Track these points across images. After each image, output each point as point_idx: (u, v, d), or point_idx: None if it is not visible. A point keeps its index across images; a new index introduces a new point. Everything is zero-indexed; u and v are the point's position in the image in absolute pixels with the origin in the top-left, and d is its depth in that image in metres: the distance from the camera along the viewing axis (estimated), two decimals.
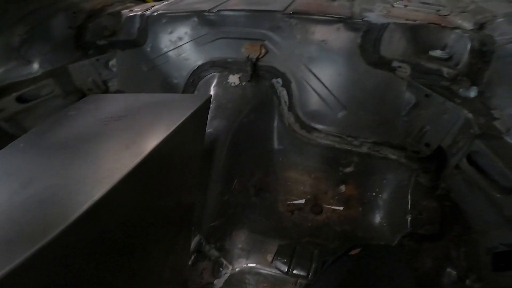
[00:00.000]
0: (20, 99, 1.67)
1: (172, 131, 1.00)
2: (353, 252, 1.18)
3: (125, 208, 0.86)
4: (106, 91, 1.97)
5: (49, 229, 0.62)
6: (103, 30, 1.92)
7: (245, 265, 1.37)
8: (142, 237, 0.98)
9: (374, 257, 1.17)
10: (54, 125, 1.10)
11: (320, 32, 1.53)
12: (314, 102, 1.56)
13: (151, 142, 0.93)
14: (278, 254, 1.34)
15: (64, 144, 0.99)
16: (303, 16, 1.56)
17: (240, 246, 1.42)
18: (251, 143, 1.63)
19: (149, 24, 1.80)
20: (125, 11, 1.97)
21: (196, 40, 1.71)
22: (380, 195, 1.45)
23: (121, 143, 0.93)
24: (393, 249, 1.26)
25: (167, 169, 1.07)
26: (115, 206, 0.80)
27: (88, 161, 0.88)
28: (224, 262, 1.38)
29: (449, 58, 1.35)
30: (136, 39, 1.84)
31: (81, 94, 1.95)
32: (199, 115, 1.21)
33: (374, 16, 1.53)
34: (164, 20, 1.76)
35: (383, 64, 1.43)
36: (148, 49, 1.82)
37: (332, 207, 1.49)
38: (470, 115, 1.17)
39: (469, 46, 1.29)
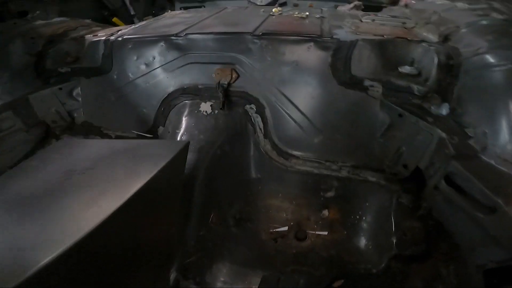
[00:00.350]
0: None
1: (144, 184, 0.95)
2: (336, 284, 1.15)
3: (89, 262, 0.81)
4: (72, 122, 1.86)
5: None
6: (65, 57, 1.83)
7: None
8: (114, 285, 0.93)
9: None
10: (15, 177, 1.04)
11: (291, 53, 1.51)
12: (289, 127, 1.53)
13: (119, 198, 0.87)
14: (262, 286, 1.29)
15: (22, 199, 0.93)
16: (273, 37, 1.53)
17: (222, 279, 1.36)
18: (227, 174, 1.58)
19: (114, 49, 1.72)
20: (88, 36, 1.88)
21: (165, 66, 1.64)
22: (363, 218, 1.43)
23: (84, 200, 0.88)
24: (377, 277, 1.24)
25: (139, 218, 1.02)
26: (73, 264, 0.76)
27: (45, 219, 0.83)
28: None
29: (419, 74, 1.36)
30: (100, 66, 1.75)
31: (45, 127, 1.83)
32: (176, 163, 1.16)
33: (343, 33, 1.53)
34: (130, 46, 1.69)
35: (355, 83, 1.42)
36: (115, 76, 1.74)
37: (317, 232, 1.46)
38: (443, 135, 1.16)
39: (436, 60, 1.30)
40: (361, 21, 1.77)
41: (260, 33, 1.54)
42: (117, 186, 0.95)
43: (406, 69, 1.36)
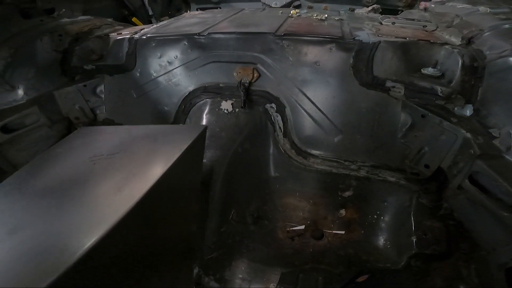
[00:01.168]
0: (4, 129, 1.58)
1: (168, 168, 0.96)
2: (360, 279, 1.15)
3: (122, 249, 0.83)
4: (94, 119, 1.89)
5: (41, 280, 0.61)
6: (90, 54, 1.85)
7: None
8: (143, 274, 0.96)
9: (382, 284, 1.14)
10: (41, 166, 1.05)
11: (313, 53, 1.52)
12: (309, 127, 1.54)
13: (146, 182, 0.89)
14: (282, 283, 1.29)
15: (52, 187, 0.94)
16: (295, 37, 1.55)
17: (240, 276, 1.37)
18: (246, 172, 1.59)
19: (137, 48, 1.75)
20: (113, 34, 1.91)
21: (187, 65, 1.67)
22: (382, 218, 1.43)
23: (113, 185, 0.89)
24: (401, 273, 1.23)
25: (164, 205, 1.03)
26: (110, 250, 0.77)
27: (77, 206, 0.84)
28: None
29: (442, 76, 1.36)
30: (124, 64, 1.78)
31: (68, 123, 1.87)
32: (195, 148, 1.19)
33: (365, 35, 1.54)
34: (153, 44, 1.72)
35: (377, 84, 1.42)
36: (137, 74, 1.77)
37: (333, 231, 1.46)
38: (468, 135, 1.17)
39: (460, 62, 1.30)
40: (381, 23, 1.78)
41: (282, 34, 1.55)
42: (143, 170, 0.96)
43: (429, 70, 1.36)
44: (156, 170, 0.95)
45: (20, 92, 1.70)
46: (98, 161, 1.02)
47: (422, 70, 1.39)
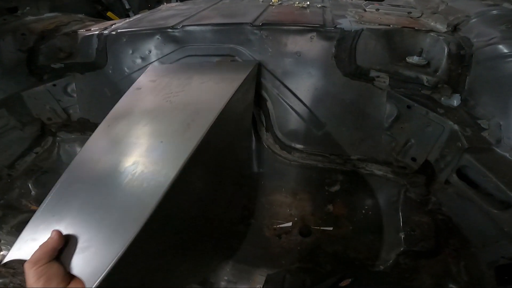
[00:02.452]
0: None
1: (225, 104, 1.09)
2: (343, 284, 1.11)
3: (196, 177, 1.04)
4: (68, 119, 1.81)
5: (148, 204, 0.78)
6: (57, 52, 1.76)
7: None
8: (208, 202, 1.19)
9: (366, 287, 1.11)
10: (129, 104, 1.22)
11: (293, 44, 1.44)
12: (292, 120, 1.48)
13: (208, 118, 1.02)
14: (267, 285, 1.25)
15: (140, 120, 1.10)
16: (274, 27, 1.47)
17: (226, 278, 1.32)
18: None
19: (107, 44, 1.65)
20: (81, 31, 1.81)
21: (162, 60, 1.58)
22: (370, 213, 1.40)
23: (184, 120, 1.04)
24: (386, 275, 1.20)
25: (223, 137, 1.22)
26: (188, 179, 0.94)
27: (161, 139, 0.99)
28: None
29: (427, 64, 1.31)
30: (95, 61, 1.69)
31: (41, 125, 1.80)
32: (249, 82, 1.33)
33: (347, 23, 1.47)
34: (124, 39, 1.63)
35: (360, 74, 1.36)
36: (110, 71, 1.68)
37: (321, 228, 1.42)
38: (455, 127, 1.12)
39: (446, 50, 1.25)
40: (365, 10, 1.71)
41: (260, 24, 1.47)
42: (205, 107, 1.10)
43: (414, 59, 1.30)
44: (216, 106, 1.08)
45: None
46: (169, 98, 1.19)
47: (407, 58, 1.33)
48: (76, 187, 0.90)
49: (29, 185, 1.73)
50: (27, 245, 0.77)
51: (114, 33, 1.65)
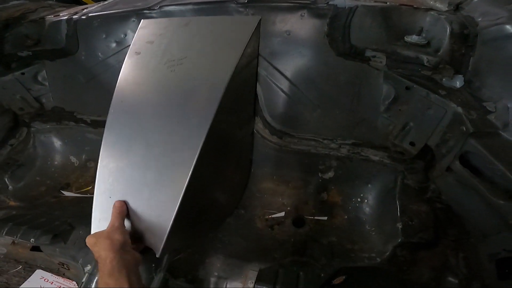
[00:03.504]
0: None
1: (233, 71, 1.12)
2: (336, 281, 1.06)
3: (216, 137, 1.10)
4: (41, 108, 1.73)
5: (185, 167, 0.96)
6: (24, 40, 1.66)
7: None
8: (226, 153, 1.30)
9: (360, 284, 1.06)
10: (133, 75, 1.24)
11: (282, 22, 1.33)
12: (282, 103, 1.39)
13: (219, 88, 1.07)
14: (259, 282, 1.19)
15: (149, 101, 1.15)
16: (261, 4, 1.35)
17: (216, 274, 1.25)
18: None
19: (78, 29, 1.55)
20: (49, 17, 1.69)
21: None
22: (366, 201, 1.34)
23: (192, 92, 1.10)
24: (380, 271, 1.15)
25: (235, 95, 1.24)
26: (213, 137, 1.04)
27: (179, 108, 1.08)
28: None
29: (427, 44, 1.21)
30: (65, 48, 1.59)
31: (13, 115, 1.73)
32: (253, 41, 1.29)
33: (340, 0, 1.35)
34: (96, 24, 1.53)
35: (355, 54, 1.26)
36: (82, 57, 1.58)
37: (315, 217, 1.36)
38: (459, 109, 1.05)
39: (448, 29, 1.15)
40: None
41: (246, 1, 1.36)
42: (212, 75, 1.13)
43: (413, 38, 1.20)
44: (224, 74, 1.11)
45: None
46: (173, 67, 1.19)
47: (405, 38, 1.23)
48: (116, 167, 1.05)
49: (6, 179, 1.66)
50: (101, 224, 1.00)
51: (84, 17, 1.55)
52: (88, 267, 1.16)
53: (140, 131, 1.08)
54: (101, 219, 1.01)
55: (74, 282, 1.27)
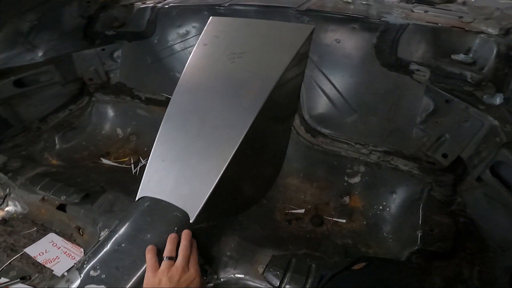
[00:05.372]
0: (18, 83, 1.61)
1: (285, 69, 1.26)
2: (356, 267, 1.02)
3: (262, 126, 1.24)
4: (107, 82, 1.92)
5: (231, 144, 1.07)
6: (113, 21, 1.91)
7: (232, 275, 1.21)
8: (266, 143, 1.39)
9: (380, 273, 1.01)
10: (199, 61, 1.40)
11: (334, 31, 1.44)
12: (322, 104, 1.45)
13: (270, 81, 1.22)
14: (271, 266, 1.18)
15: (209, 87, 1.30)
16: (317, 14, 1.47)
17: (228, 253, 1.26)
18: None
19: (159, 16, 1.76)
20: (138, 3, 1.95)
21: None
22: (387, 209, 1.31)
23: (247, 83, 1.25)
24: (402, 264, 1.10)
25: (283, 92, 1.35)
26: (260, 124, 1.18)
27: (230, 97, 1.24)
28: (209, 270, 1.23)
29: (473, 63, 1.23)
30: (144, 31, 1.80)
31: (81, 84, 1.91)
32: (304, 47, 1.42)
33: (393, 17, 1.44)
34: (174, 13, 1.73)
35: (400, 66, 1.32)
36: (155, 41, 1.77)
37: (334, 219, 1.35)
38: (495, 122, 1.05)
39: (495, 50, 1.18)
40: (413, 11, 1.67)
41: (304, 9, 1.49)
42: (266, 72, 1.27)
43: (460, 56, 1.24)
44: (276, 71, 1.25)
45: (40, 52, 1.75)
46: (233, 59, 1.34)
47: (452, 56, 1.27)
48: (173, 135, 1.16)
49: (56, 139, 1.76)
50: (149, 185, 1.06)
51: (166, 6, 1.76)
52: (106, 231, 1.19)
53: (198, 108, 1.22)
54: (150, 180, 1.08)
55: (82, 249, 1.27)
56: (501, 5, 1.59)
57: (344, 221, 1.33)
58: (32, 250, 1.24)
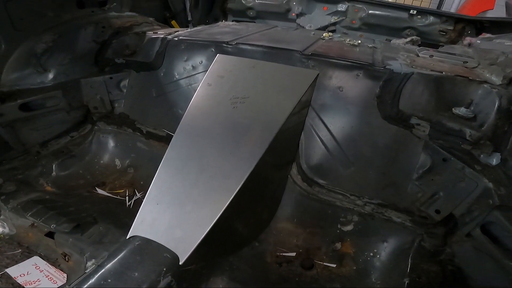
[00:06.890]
0: (24, 107, 1.63)
1: (289, 114, 1.28)
2: None
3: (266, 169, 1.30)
4: (112, 111, 1.93)
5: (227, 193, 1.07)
6: (124, 49, 1.92)
7: None
8: (263, 190, 1.40)
9: None
10: (203, 102, 1.41)
11: (338, 78, 1.46)
12: (320, 154, 1.46)
13: (272, 129, 1.24)
14: None
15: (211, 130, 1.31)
16: (322, 59, 1.50)
17: None
18: None
19: (168, 48, 1.79)
20: (149, 32, 1.98)
21: None
22: (378, 256, 1.31)
23: (249, 130, 1.27)
24: None
25: (285, 137, 1.37)
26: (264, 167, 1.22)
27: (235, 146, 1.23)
28: None
29: (474, 118, 1.24)
30: (152, 62, 1.82)
31: (85, 111, 1.91)
32: (308, 92, 1.43)
33: (397, 65, 1.45)
34: (183, 46, 1.75)
35: (400, 119, 1.33)
36: (162, 74, 1.80)
37: (324, 263, 1.35)
38: (490, 185, 1.07)
39: (496, 103, 1.19)
40: (418, 55, 1.68)
41: (309, 53, 1.51)
42: (268, 119, 1.29)
43: (461, 111, 1.25)
44: (278, 119, 1.27)
45: (50, 75, 1.76)
46: (235, 104, 1.36)
47: (453, 109, 1.28)
48: (170, 180, 1.16)
49: (53, 166, 1.74)
50: (142, 225, 1.05)
51: (176, 39, 1.79)
52: (93, 261, 1.21)
53: (197, 155, 1.22)
54: (143, 220, 1.07)
55: (65, 275, 1.24)
56: (507, 48, 1.58)
57: (334, 265, 1.34)
58: (13, 271, 1.23)
